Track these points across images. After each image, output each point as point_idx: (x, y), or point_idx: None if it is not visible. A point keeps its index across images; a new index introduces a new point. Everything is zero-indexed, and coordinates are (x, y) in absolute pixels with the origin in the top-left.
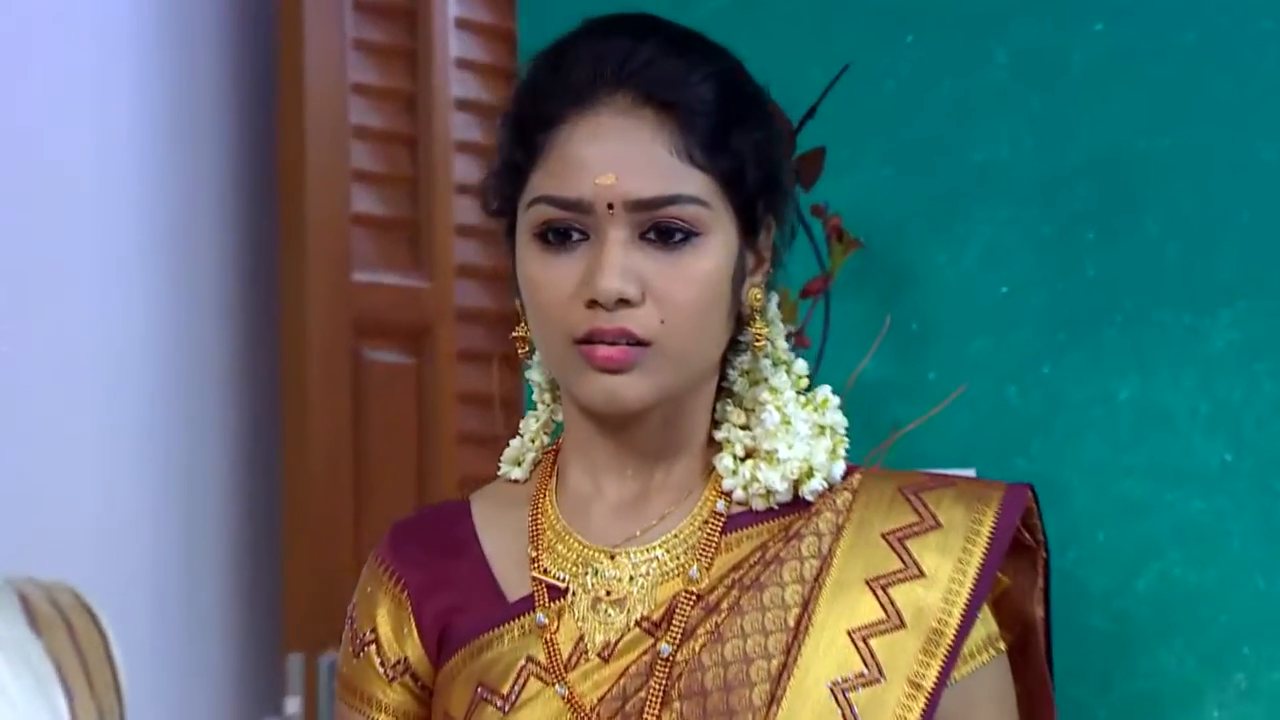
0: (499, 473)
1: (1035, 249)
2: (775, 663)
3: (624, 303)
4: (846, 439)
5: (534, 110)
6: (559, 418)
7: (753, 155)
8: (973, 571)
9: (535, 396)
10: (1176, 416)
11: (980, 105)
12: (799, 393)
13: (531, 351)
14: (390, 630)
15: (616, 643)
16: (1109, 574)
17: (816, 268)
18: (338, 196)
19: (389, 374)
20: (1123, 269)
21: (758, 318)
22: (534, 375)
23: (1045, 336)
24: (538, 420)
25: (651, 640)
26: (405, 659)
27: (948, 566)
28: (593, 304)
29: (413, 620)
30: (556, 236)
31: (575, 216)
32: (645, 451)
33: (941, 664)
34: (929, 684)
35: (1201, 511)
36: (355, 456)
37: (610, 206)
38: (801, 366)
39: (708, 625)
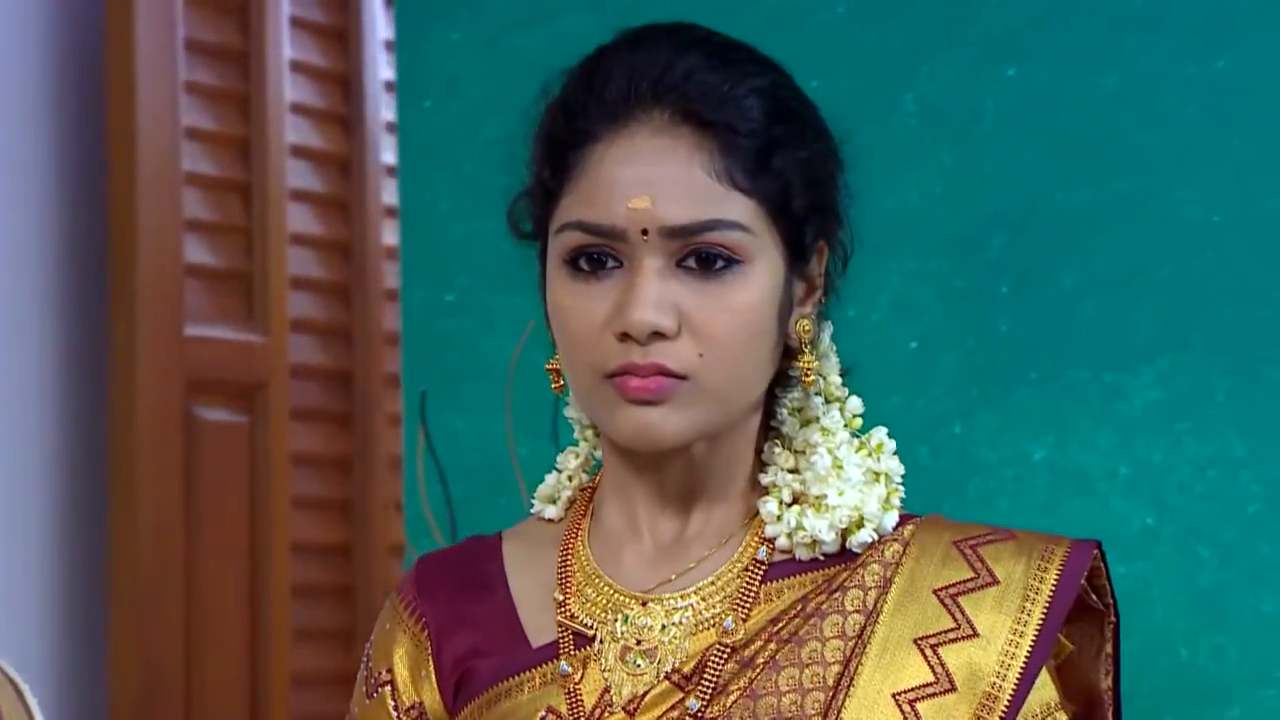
0: (532, 510)
1: (946, 303)
2: None
3: (659, 336)
4: (902, 488)
5: (565, 128)
6: (597, 455)
7: (800, 177)
8: (1031, 633)
9: (576, 433)
10: (1094, 478)
11: (889, 153)
12: (853, 434)
13: (566, 385)
14: (408, 672)
15: (644, 696)
16: None
17: None
18: (170, 246)
19: (221, 433)
20: (1038, 324)
21: (807, 350)
22: (571, 411)
23: (957, 394)
24: (577, 457)
25: (681, 695)
26: (420, 704)
27: (1004, 627)
28: (625, 337)
29: (431, 663)
30: (589, 264)
31: (608, 243)
32: (684, 492)
33: None
34: None
35: (1121, 578)
36: (187, 524)
37: (645, 233)
38: (855, 404)
39: (741, 681)
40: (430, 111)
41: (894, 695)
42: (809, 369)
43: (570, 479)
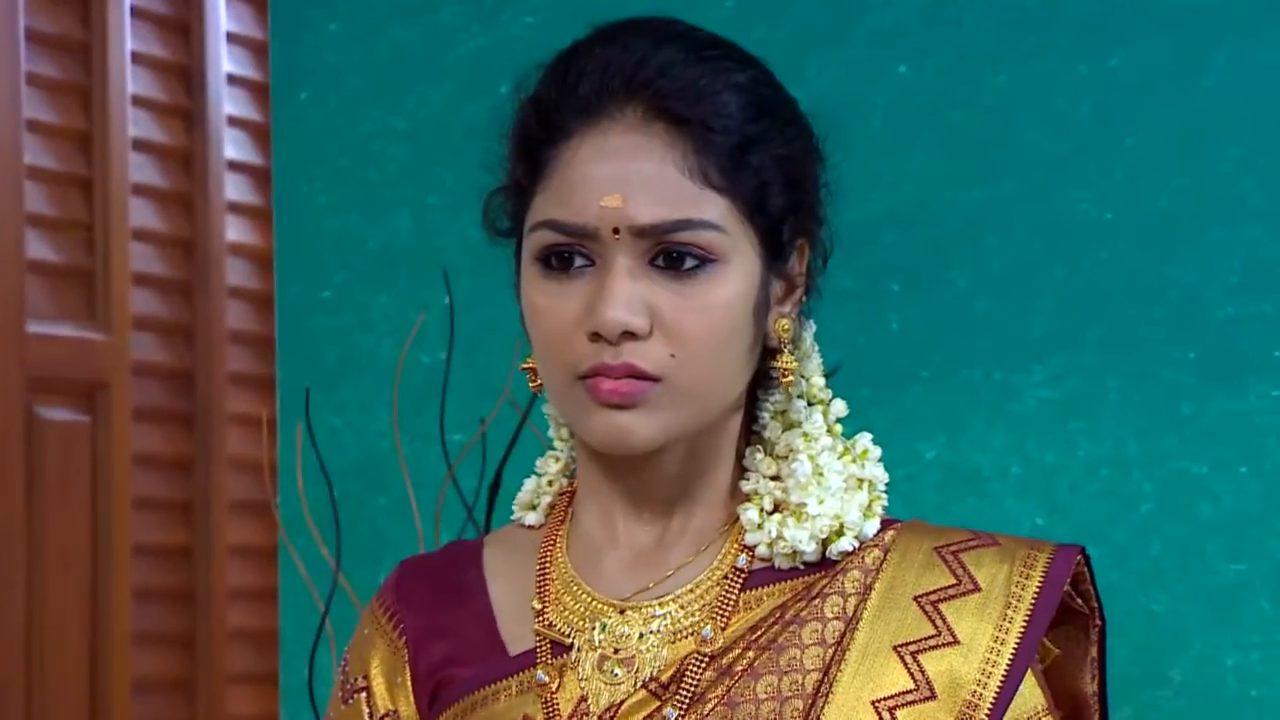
0: (513, 517)
1: (835, 301)
2: None
3: (630, 336)
4: (885, 495)
5: (538, 124)
6: (559, 452)
7: (778, 174)
8: (1013, 640)
9: (552, 433)
10: (987, 478)
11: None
12: (836, 439)
13: (543, 385)
14: (384, 679)
15: (620, 704)
16: None
17: None
18: (10, 241)
19: (62, 433)
20: (929, 323)
21: (786, 350)
22: (550, 409)
23: (847, 393)
24: (557, 461)
25: (658, 703)
26: (395, 712)
27: (986, 634)
28: (596, 337)
29: (408, 670)
30: (560, 262)
31: (579, 242)
32: (662, 496)
33: None
34: None
35: None
36: (28, 525)
37: (616, 231)
38: (839, 408)
39: (719, 689)
40: (306, 104)
41: (873, 702)
42: (787, 369)
43: (550, 484)
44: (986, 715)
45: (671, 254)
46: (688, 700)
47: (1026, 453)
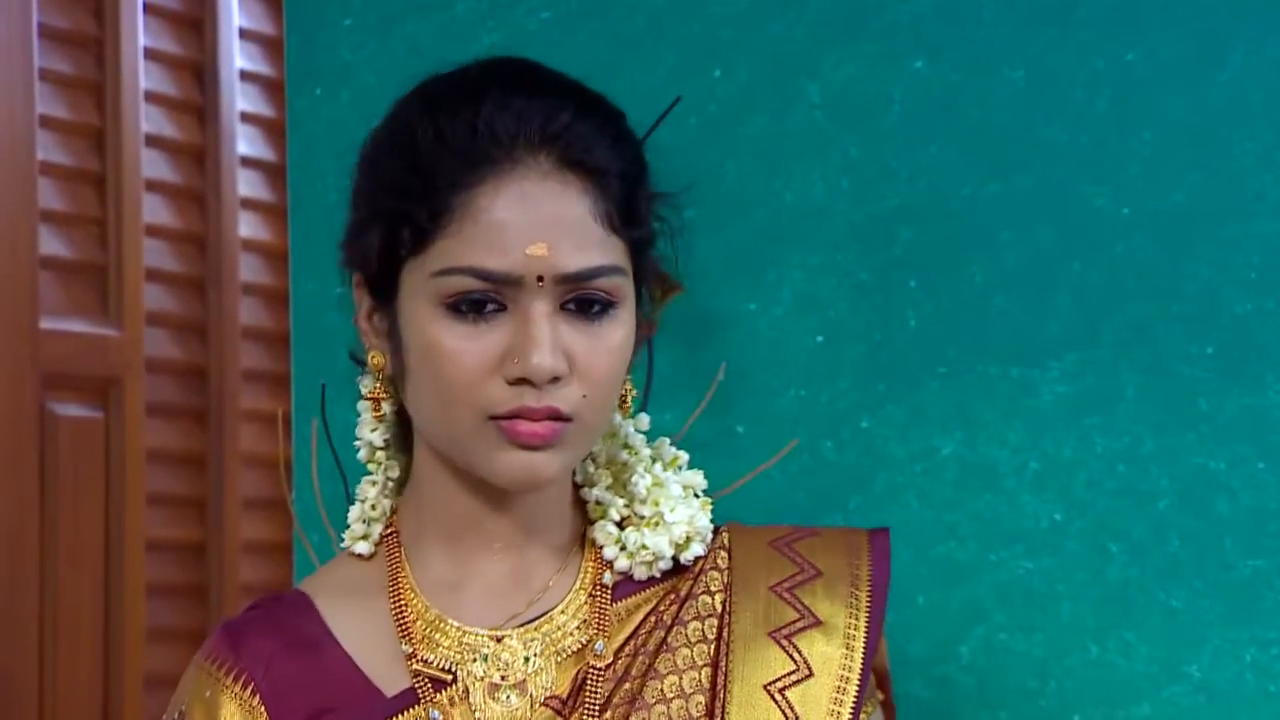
0: (342, 546)
1: (852, 297)
2: None
3: (554, 380)
4: (710, 499)
5: (445, 167)
6: (392, 476)
7: (648, 216)
8: (863, 614)
9: (363, 457)
10: (1002, 474)
11: (792, 145)
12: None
13: (386, 413)
14: None
15: None
16: (930, 640)
17: None
18: (24, 237)
19: (76, 429)
20: (946, 319)
21: (629, 378)
22: (368, 435)
23: (863, 389)
24: (374, 484)
25: (561, 719)
26: None
27: (840, 613)
28: (520, 381)
29: None
30: (471, 307)
31: (497, 289)
32: (523, 526)
33: (851, 710)
34: None
35: (1029, 574)
36: (41, 521)
37: (540, 279)
38: (644, 420)
39: (621, 693)
40: (320, 100)
41: (764, 687)
42: (628, 394)
43: (373, 508)
44: (857, 683)
45: (581, 299)
46: (597, 710)
47: (1043, 449)
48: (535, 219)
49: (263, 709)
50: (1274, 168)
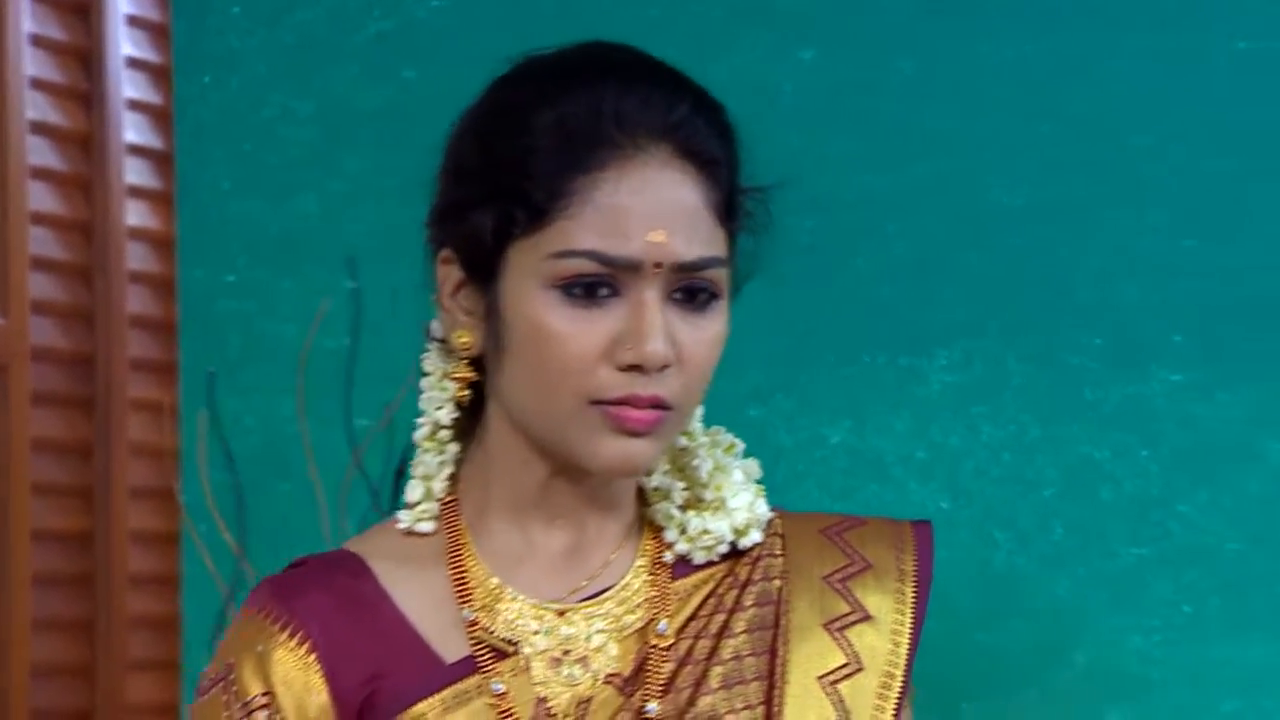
0: (401, 525)
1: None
2: (759, 712)
3: (663, 368)
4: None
5: (567, 149)
6: (454, 455)
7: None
8: (909, 608)
9: (423, 435)
10: (891, 462)
11: None
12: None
13: (471, 393)
14: (293, 695)
15: (588, 702)
16: None
17: None
18: None
19: None
20: (834, 308)
21: None
22: (434, 413)
23: (753, 378)
24: (440, 462)
25: (623, 697)
26: None
27: (888, 607)
28: (631, 368)
29: (326, 685)
30: (584, 290)
31: (614, 273)
32: (592, 505)
33: (894, 706)
34: None
35: None
36: None
37: (658, 266)
38: (699, 408)
39: (683, 677)
40: (208, 88)
41: (819, 679)
42: None
43: (432, 485)
44: (901, 678)
45: (689, 288)
46: (660, 690)
47: (930, 437)
48: (655, 206)
49: (318, 666)
50: (1166, 160)
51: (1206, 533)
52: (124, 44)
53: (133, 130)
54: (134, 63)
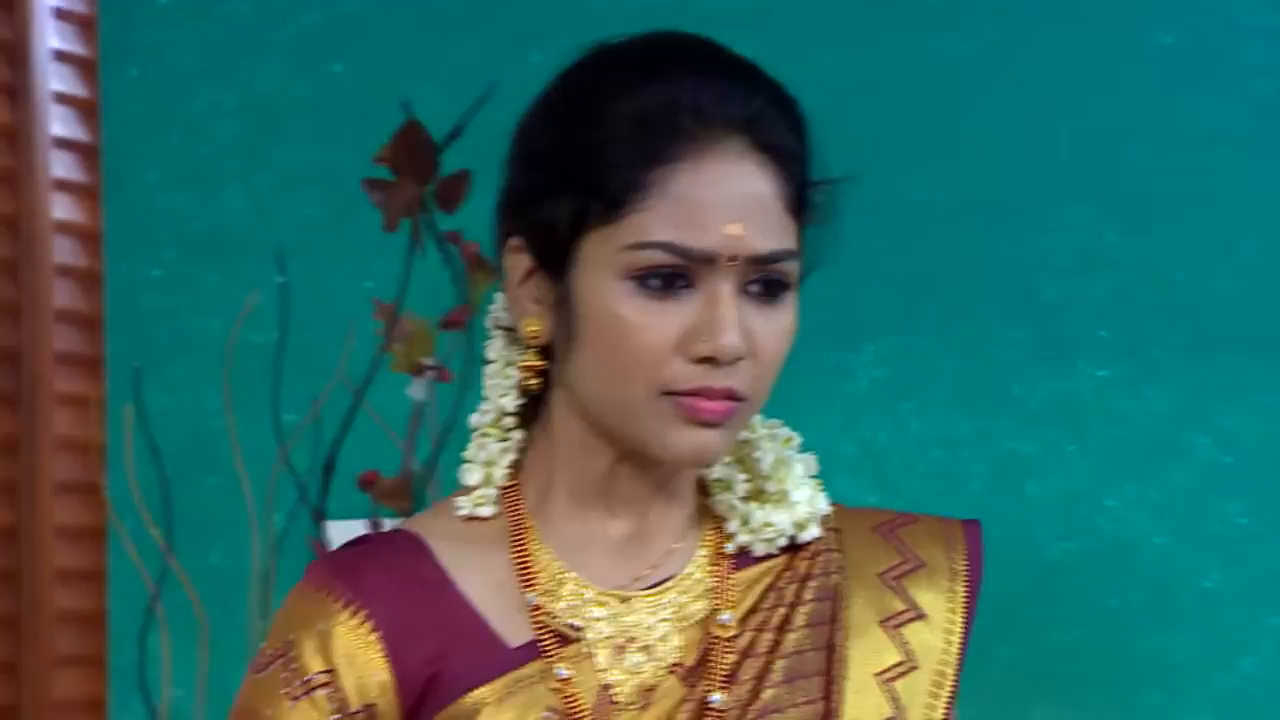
0: (461, 512)
1: None
2: (819, 706)
3: (737, 360)
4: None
5: (645, 141)
6: (517, 442)
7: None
8: (960, 609)
9: (486, 422)
10: (819, 457)
11: None
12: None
13: (536, 383)
14: (354, 674)
15: (651, 691)
16: None
17: (456, 298)
18: None
19: None
20: None
21: None
22: (500, 400)
23: None
24: (504, 449)
25: (686, 687)
26: (372, 707)
27: (941, 605)
28: (705, 360)
29: (388, 665)
30: (659, 282)
31: (689, 265)
32: (656, 494)
33: (946, 703)
34: None
35: None
36: None
37: (733, 259)
38: None
39: (746, 669)
40: (136, 81)
41: (875, 676)
42: None
43: (494, 471)
44: (952, 679)
45: (764, 281)
46: (724, 682)
47: (859, 433)
48: (731, 199)
49: (380, 646)
50: (1089, 156)
51: (1133, 527)
52: (50, 37)
53: (59, 124)
54: (60, 55)
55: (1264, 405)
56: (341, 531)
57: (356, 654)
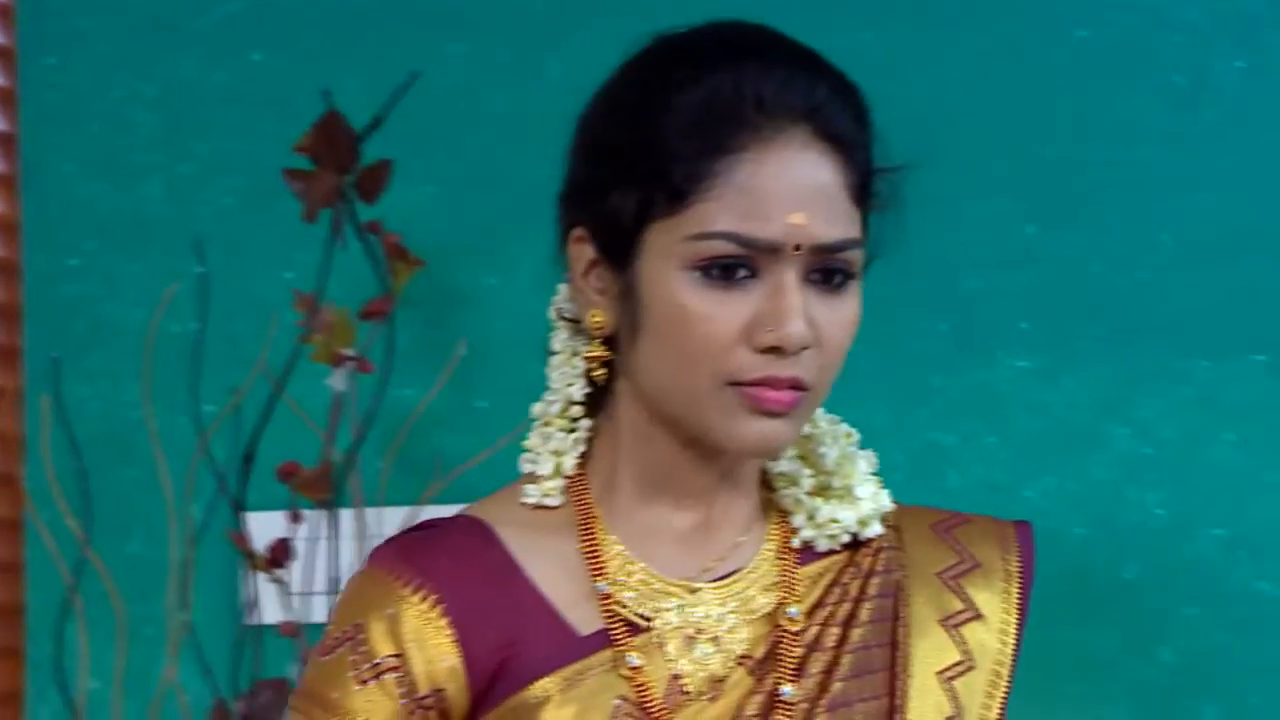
0: (528, 499)
1: None
2: (884, 702)
3: (802, 349)
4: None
5: (708, 130)
6: (585, 430)
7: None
8: (1015, 608)
9: (554, 411)
10: None
11: (532, 120)
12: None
13: (603, 373)
14: (423, 658)
15: (722, 682)
16: None
17: (377, 288)
18: None
19: None
20: None
21: None
22: (566, 389)
23: None
24: (575, 439)
25: (754, 679)
26: (441, 692)
27: (996, 605)
28: (769, 349)
29: (457, 649)
30: (722, 272)
31: (753, 255)
32: (721, 485)
33: (1001, 702)
34: None
35: None
36: None
37: (797, 248)
38: None
39: (814, 663)
40: (54, 70)
41: (937, 674)
42: None
43: (565, 459)
44: (1007, 679)
45: (827, 269)
46: (793, 676)
47: None
48: (795, 188)
49: (449, 630)
50: (1005, 146)
51: (1052, 517)
52: None
53: None
54: None
55: (1182, 396)
56: (261, 523)
57: (426, 638)
